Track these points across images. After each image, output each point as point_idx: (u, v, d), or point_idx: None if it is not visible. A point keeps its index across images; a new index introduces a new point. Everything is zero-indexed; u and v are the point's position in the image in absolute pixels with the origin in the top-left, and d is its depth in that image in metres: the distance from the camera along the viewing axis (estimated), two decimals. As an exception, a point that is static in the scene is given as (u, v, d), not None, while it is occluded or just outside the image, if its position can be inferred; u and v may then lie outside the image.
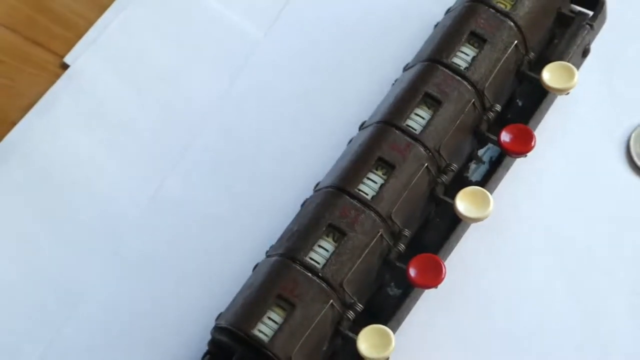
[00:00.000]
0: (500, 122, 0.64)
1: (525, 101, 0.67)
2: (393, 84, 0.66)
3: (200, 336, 0.61)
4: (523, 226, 0.67)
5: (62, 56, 0.71)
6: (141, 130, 0.70)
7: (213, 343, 0.60)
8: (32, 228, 0.67)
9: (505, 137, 0.62)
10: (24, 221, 0.67)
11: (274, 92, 0.71)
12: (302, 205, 0.62)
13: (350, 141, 0.64)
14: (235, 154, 0.69)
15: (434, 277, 0.59)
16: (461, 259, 0.65)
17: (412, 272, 0.59)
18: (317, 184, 0.63)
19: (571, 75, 0.63)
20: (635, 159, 0.68)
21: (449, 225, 0.63)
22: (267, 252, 0.61)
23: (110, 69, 0.71)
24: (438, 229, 0.63)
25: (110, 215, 0.67)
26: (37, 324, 0.64)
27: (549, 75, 0.64)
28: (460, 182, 0.63)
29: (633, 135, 0.69)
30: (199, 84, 0.71)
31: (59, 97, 0.70)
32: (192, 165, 0.69)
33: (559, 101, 0.69)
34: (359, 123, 0.65)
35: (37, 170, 0.68)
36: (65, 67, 0.71)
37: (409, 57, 0.66)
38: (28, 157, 0.69)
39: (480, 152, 0.66)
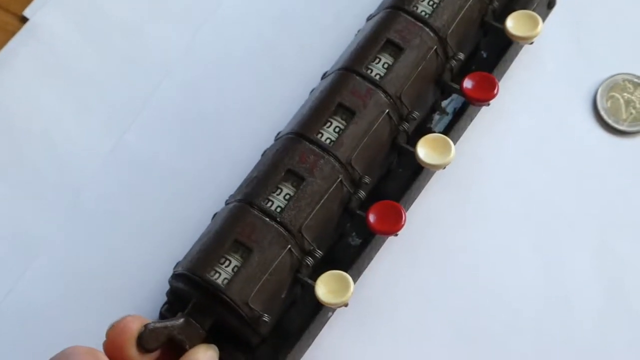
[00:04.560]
0: (465, 74, 0.63)
1: (490, 53, 0.66)
2: (356, 35, 0.65)
3: (160, 288, 0.61)
4: (488, 179, 0.66)
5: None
6: (101, 83, 0.69)
7: (171, 292, 0.59)
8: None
9: (467, 84, 0.61)
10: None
11: (237, 44, 0.70)
12: (263, 154, 0.61)
13: (312, 91, 0.63)
14: (197, 106, 0.68)
15: (394, 223, 0.58)
16: (425, 211, 0.65)
17: (371, 218, 0.58)
18: (278, 133, 0.62)
19: (535, 24, 0.63)
20: (602, 113, 0.68)
21: (411, 175, 0.62)
22: (226, 201, 0.60)
23: (71, 22, 0.70)
24: (400, 178, 0.62)
25: (69, 168, 0.66)
26: (-6, 276, 0.63)
27: (513, 23, 0.63)
28: (424, 133, 0.62)
29: (600, 89, 0.68)
30: (160, 37, 0.70)
31: (18, 50, 0.69)
32: (153, 118, 0.68)
33: (526, 55, 0.68)
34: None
35: (-5, 123, 0.67)
36: (24, 20, 0.70)
37: (373, 9, 0.66)
38: (-15, 110, 0.68)
39: (444, 103, 0.65)
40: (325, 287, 0.56)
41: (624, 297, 0.63)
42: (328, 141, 0.59)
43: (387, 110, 0.60)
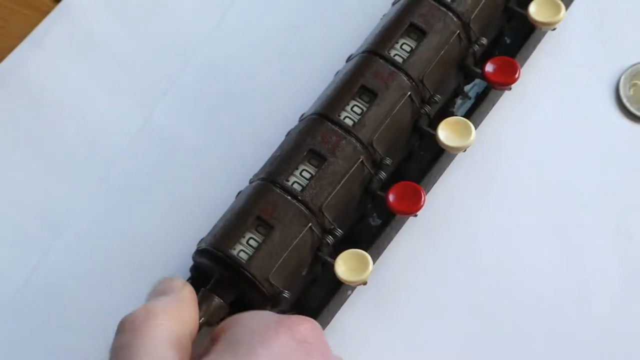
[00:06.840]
0: (488, 59, 0.64)
1: (514, 39, 0.67)
2: (381, 19, 0.66)
3: (184, 264, 0.62)
4: (508, 163, 0.67)
5: (55, -4, 0.72)
6: (131, 62, 0.70)
7: (194, 267, 0.60)
8: (20, 156, 0.67)
9: (489, 67, 0.62)
10: (13, 149, 0.67)
11: (264, 26, 0.71)
12: (287, 135, 0.62)
13: (337, 73, 0.64)
14: (223, 87, 0.69)
15: (413, 203, 0.59)
16: (446, 193, 0.65)
17: (391, 198, 0.59)
18: (303, 114, 0.63)
19: (558, 10, 0.63)
20: (624, 100, 0.68)
21: (432, 157, 0.63)
22: (250, 179, 0.61)
23: (102, 3, 0.71)
24: (422, 161, 0.63)
25: (99, 146, 0.68)
26: (22, 250, 0.65)
27: (536, 9, 0.64)
28: (446, 116, 0.63)
29: (622, 77, 0.69)
30: (189, 17, 0.71)
31: (51, 30, 0.70)
32: (181, 98, 0.69)
33: (549, 41, 0.69)
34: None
35: (28, 100, 0.69)
36: (58, 0, 0.71)
37: (398, -6, 0.67)
38: (18, 87, 0.69)
39: (467, 88, 0.66)
40: (344, 265, 0.57)
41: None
42: (350, 122, 0.60)
43: (409, 93, 0.61)
